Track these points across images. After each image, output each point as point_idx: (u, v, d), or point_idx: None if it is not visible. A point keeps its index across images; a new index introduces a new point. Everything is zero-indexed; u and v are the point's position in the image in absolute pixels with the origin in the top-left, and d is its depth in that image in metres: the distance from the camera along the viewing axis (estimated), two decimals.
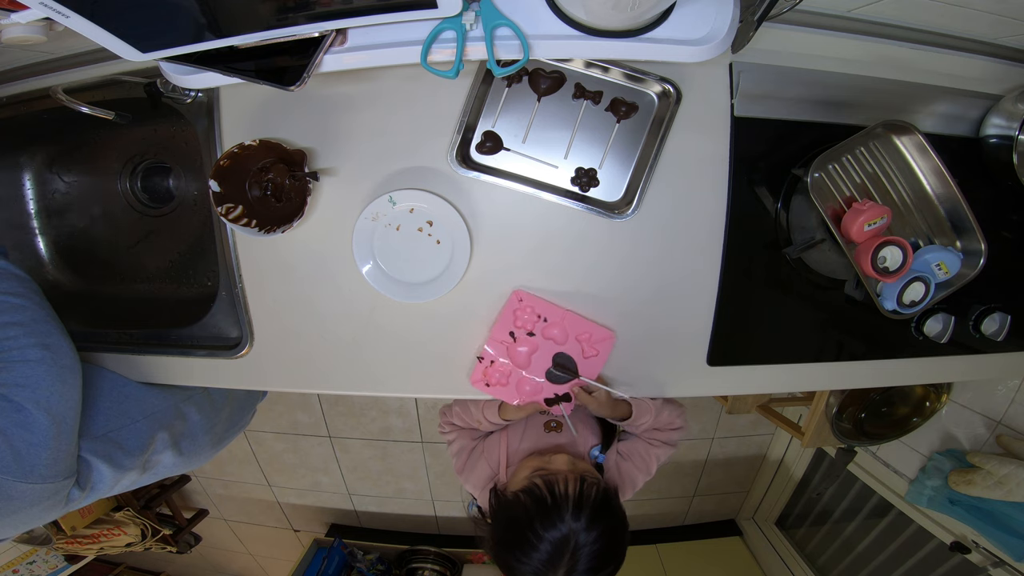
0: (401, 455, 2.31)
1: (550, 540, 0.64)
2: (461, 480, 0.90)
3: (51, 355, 0.67)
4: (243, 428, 1.12)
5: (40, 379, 0.65)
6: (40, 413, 0.63)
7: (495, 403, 0.85)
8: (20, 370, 0.64)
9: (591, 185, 0.78)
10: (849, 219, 0.76)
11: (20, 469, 0.61)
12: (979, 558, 1.46)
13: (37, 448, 0.62)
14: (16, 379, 0.63)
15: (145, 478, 0.85)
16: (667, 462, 0.86)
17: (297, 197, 0.75)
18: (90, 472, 0.73)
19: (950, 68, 0.82)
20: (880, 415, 1.51)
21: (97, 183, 1.03)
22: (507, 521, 0.69)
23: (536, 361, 0.81)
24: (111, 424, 0.77)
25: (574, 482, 0.68)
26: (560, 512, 0.64)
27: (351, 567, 2.43)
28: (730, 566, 2.32)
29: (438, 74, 0.59)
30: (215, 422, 0.98)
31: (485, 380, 0.82)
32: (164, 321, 0.92)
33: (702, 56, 0.60)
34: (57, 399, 0.66)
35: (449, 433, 0.95)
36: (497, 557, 0.70)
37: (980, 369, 0.95)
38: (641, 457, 0.85)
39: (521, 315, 0.80)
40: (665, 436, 0.86)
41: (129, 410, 0.80)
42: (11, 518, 0.64)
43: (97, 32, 0.51)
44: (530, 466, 0.77)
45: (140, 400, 0.83)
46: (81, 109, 0.73)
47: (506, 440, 0.88)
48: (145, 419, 0.81)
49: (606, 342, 0.81)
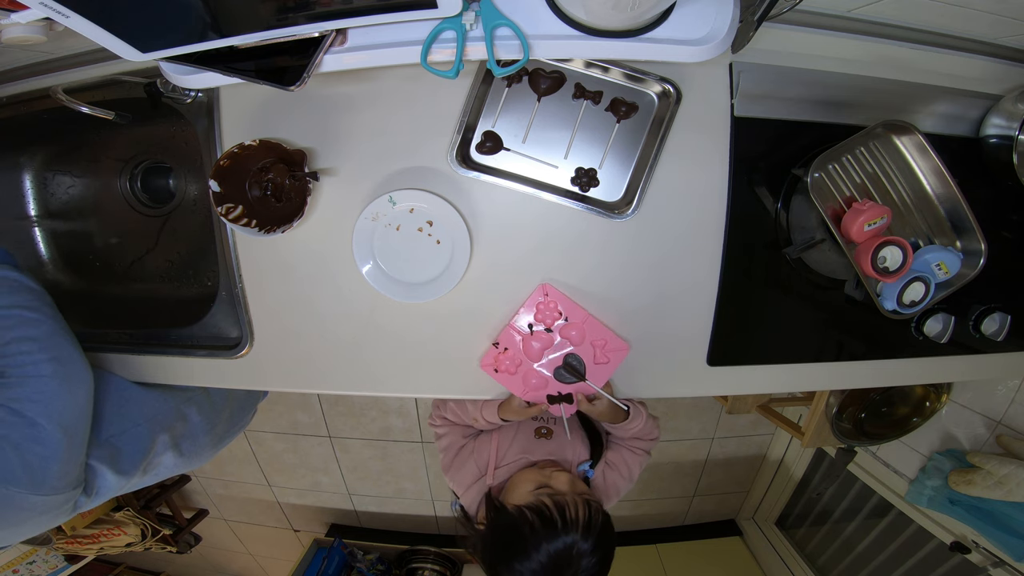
0: (401, 455, 2.31)
1: (553, 557, 0.65)
2: (447, 477, 0.91)
3: (64, 369, 0.67)
4: (244, 428, 1.12)
5: (53, 393, 0.65)
6: (53, 427, 0.64)
7: (494, 403, 0.85)
8: (34, 385, 0.64)
9: (591, 185, 0.78)
10: (849, 219, 0.76)
11: (32, 482, 0.62)
12: (979, 558, 1.46)
13: (49, 461, 0.63)
14: (30, 394, 0.63)
15: (147, 480, 0.85)
16: (643, 472, 0.90)
17: (297, 197, 0.75)
18: (95, 478, 0.73)
19: (950, 68, 0.82)
20: (880, 415, 1.51)
21: (97, 183, 1.03)
22: (508, 533, 0.70)
23: (548, 357, 0.81)
24: (113, 428, 0.77)
25: (583, 507, 0.69)
26: (568, 533, 0.66)
27: (351, 567, 2.44)
28: (730, 566, 2.32)
29: (438, 74, 0.59)
30: (215, 422, 0.98)
31: (495, 366, 0.81)
32: (164, 321, 0.92)
33: (702, 56, 0.60)
34: (69, 413, 0.66)
35: (440, 427, 0.96)
36: (489, 566, 0.71)
37: (980, 369, 0.95)
38: (627, 466, 0.88)
39: (543, 309, 0.80)
40: (645, 445, 0.90)
41: (130, 413, 0.80)
42: (20, 527, 0.64)
43: (97, 32, 0.51)
44: (531, 480, 0.78)
45: (141, 403, 0.83)
46: (81, 109, 0.73)
47: (496, 442, 0.88)
48: (146, 422, 0.81)
49: (620, 352, 0.81)
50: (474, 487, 0.86)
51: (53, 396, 0.65)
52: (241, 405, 1.09)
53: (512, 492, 0.78)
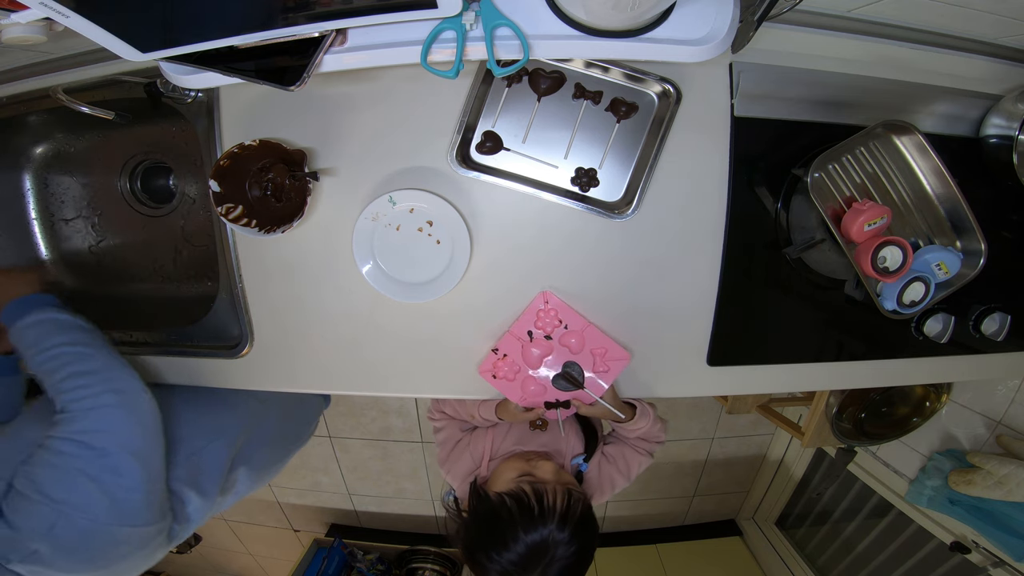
0: (401, 455, 2.31)
1: (528, 545, 0.65)
2: (443, 470, 0.91)
3: (126, 398, 0.67)
4: (308, 437, 1.10)
5: (119, 423, 0.64)
6: (126, 456, 0.63)
7: (492, 403, 0.86)
8: (98, 416, 0.63)
9: (591, 185, 0.78)
10: (849, 219, 0.76)
11: (120, 513, 0.61)
12: (979, 558, 1.46)
13: (131, 491, 0.62)
14: (95, 425, 0.62)
15: (227, 500, 0.84)
16: (643, 472, 0.89)
17: (297, 197, 0.75)
18: (182, 504, 0.72)
19: (950, 68, 0.82)
20: (880, 415, 1.51)
21: (97, 183, 1.03)
22: (487, 519, 0.69)
23: (547, 364, 0.81)
24: (189, 448, 0.75)
25: (562, 495, 0.69)
26: (545, 521, 0.66)
27: (351, 567, 2.43)
28: (730, 566, 2.32)
29: (438, 74, 0.59)
30: (279, 434, 0.97)
31: (493, 372, 0.81)
32: (164, 321, 0.92)
33: (702, 56, 0.60)
34: (139, 441, 0.65)
35: (439, 421, 0.96)
36: (468, 551, 0.70)
37: (980, 369, 0.95)
38: (626, 462, 0.88)
39: (544, 317, 0.80)
40: (649, 446, 0.89)
41: (202, 431, 0.78)
42: (122, 563, 0.64)
43: (97, 32, 0.51)
44: (515, 468, 0.77)
45: (209, 419, 0.81)
46: (81, 109, 0.73)
47: (492, 435, 0.89)
48: (218, 437, 0.80)
49: (620, 362, 0.81)
50: (469, 479, 0.86)
51: (120, 426, 0.64)
52: (304, 416, 1.08)
53: (496, 480, 0.78)
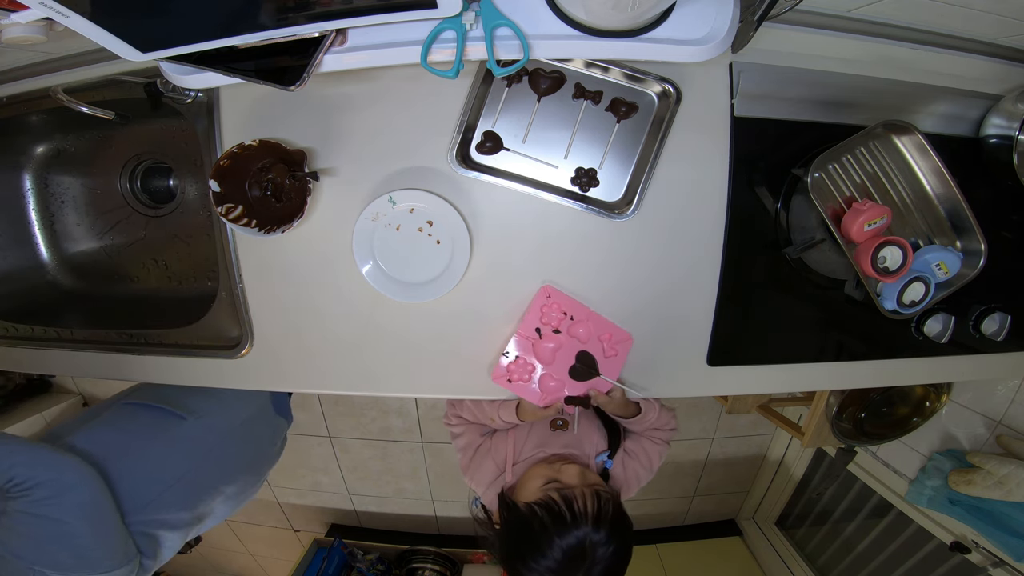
0: (401, 455, 2.31)
1: (565, 550, 0.65)
2: (466, 477, 0.90)
3: (60, 476, 0.70)
4: (277, 457, 1.11)
5: (62, 492, 0.68)
6: (76, 521, 0.67)
7: (512, 403, 0.85)
8: (40, 492, 0.67)
9: (591, 185, 0.78)
10: (849, 219, 0.76)
11: (86, 565, 0.67)
12: (979, 558, 1.46)
13: (88, 549, 0.68)
14: (41, 500, 0.66)
15: (207, 524, 0.89)
16: (663, 461, 0.90)
17: (297, 197, 0.75)
18: (156, 545, 0.78)
19: (950, 68, 0.82)
20: (880, 415, 1.51)
21: (97, 183, 1.03)
22: (522, 531, 0.69)
23: (560, 358, 0.81)
24: (150, 495, 0.78)
25: (592, 497, 0.69)
26: (578, 525, 0.66)
27: (351, 567, 2.44)
28: (730, 566, 2.32)
29: (438, 74, 0.59)
30: (240, 459, 0.97)
31: (508, 376, 0.81)
32: (164, 321, 0.92)
33: (702, 56, 0.60)
34: (86, 506, 0.69)
35: (456, 426, 0.95)
36: (506, 562, 0.71)
37: (980, 369, 0.95)
38: (646, 454, 0.88)
39: (548, 312, 0.80)
40: (664, 435, 0.90)
41: (162, 477, 0.81)
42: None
43: (97, 32, 0.51)
44: (540, 475, 0.77)
45: (165, 463, 0.83)
46: (81, 109, 0.73)
47: (513, 438, 0.88)
48: (177, 481, 0.82)
49: (625, 343, 0.81)
50: (494, 485, 0.86)
51: (63, 493, 0.68)
52: (266, 435, 1.07)
53: (522, 489, 0.78)
